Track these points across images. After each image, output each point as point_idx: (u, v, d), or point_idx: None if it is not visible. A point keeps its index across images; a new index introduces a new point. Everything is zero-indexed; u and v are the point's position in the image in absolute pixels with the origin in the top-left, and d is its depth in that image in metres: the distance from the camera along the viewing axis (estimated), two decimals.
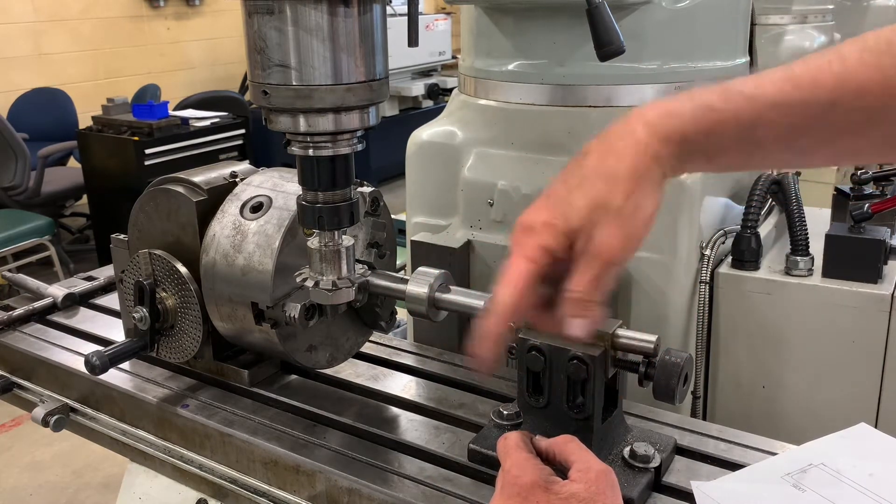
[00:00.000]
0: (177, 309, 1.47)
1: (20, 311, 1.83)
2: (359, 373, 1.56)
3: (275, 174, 1.49)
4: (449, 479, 1.24)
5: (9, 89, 7.02)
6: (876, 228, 1.62)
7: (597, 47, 1.26)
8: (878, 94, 0.82)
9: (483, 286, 1.68)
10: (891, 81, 0.81)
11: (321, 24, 1.11)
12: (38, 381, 1.70)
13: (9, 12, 7.02)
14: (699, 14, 1.61)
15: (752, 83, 0.88)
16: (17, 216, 5.45)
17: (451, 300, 1.33)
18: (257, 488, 1.36)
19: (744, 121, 0.88)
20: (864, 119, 0.84)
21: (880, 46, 0.83)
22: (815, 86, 0.85)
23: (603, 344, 1.19)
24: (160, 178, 1.54)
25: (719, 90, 0.90)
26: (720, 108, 0.89)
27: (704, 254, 1.59)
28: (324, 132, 1.18)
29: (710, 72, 1.65)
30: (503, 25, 1.67)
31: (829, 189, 2.42)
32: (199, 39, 8.56)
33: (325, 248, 1.29)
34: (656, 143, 0.91)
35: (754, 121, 0.88)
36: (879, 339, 1.54)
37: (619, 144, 0.93)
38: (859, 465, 1.18)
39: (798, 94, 0.85)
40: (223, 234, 1.41)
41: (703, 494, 1.15)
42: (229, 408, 1.45)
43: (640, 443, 1.23)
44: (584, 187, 0.93)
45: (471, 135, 1.74)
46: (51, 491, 3.73)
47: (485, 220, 1.68)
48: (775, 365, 1.64)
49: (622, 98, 1.60)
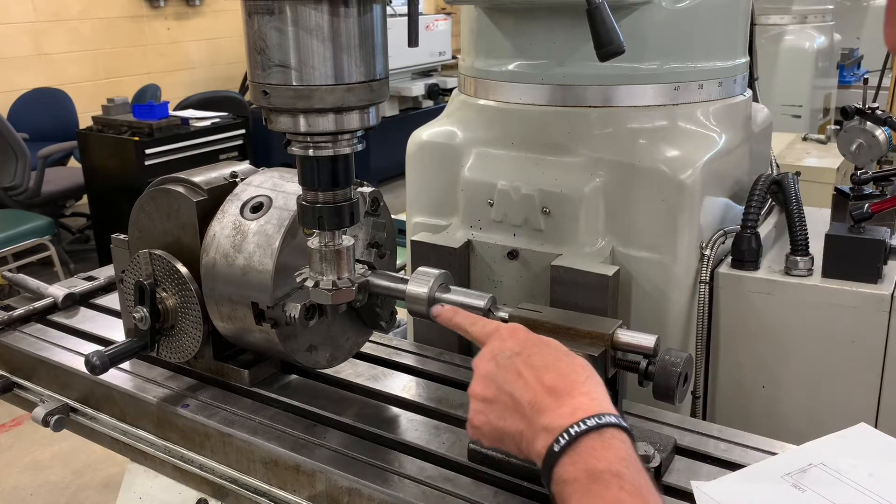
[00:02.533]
0: (177, 309, 1.47)
1: (20, 311, 1.83)
2: (359, 373, 1.56)
3: (275, 174, 1.49)
4: (449, 479, 1.24)
5: (9, 89, 7.01)
6: (876, 228, 1.62)
7: (597, 47, 1.26)
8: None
9: (483, 286, 1.68)
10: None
11: (321, 25, 1.11)
12: (38, 381, 1.70)
13: (9, 12, 7.01)
14: (699, 14, 1.61)
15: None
16: (17, 216, 5.45)
17: (451, 300, 1.33)
18: (257, 488, 1.36)
19: None
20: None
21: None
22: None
23: (603, 344, 1.19)
24: (160, 178, 1.54)
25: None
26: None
27: (704, 254, 1.59)
28: (324, 132, 1.18)
29: (710, 72, 1.65)
30: (503, 25, 1.67)
31: (829, 189, 2.42)
32: (199, 39, 8.55)
33: (326, 248, 1.29)
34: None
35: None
36: (879, 339, 1.54)
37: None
38: (859, 465, 1.18)
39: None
40: (223, 234, 1.41)
41: (703, 494, 1.15)
42: (229, 408, 1.45)
43: (640, 443, 1.23)
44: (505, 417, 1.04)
45: (471, 135, 1.74)
46: (51, 491, 3.73)
47: (485, 220, 1.68)
48: (775, 365, 1.64)
49: (622, 98, 1.60)
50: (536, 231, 1.62)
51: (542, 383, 1.01)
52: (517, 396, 1.01)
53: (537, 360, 1.04)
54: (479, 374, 1.07)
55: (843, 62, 5.21)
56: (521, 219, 1.63)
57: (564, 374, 1.01)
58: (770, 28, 4.77)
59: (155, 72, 8.08)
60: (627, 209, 1.58)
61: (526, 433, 0.99)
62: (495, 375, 1.05)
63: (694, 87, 1.63)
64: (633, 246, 1.58)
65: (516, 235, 1.64)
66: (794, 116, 4.68)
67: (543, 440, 0.95)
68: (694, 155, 1.56)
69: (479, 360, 1.09)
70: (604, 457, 0.92)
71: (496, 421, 1.04)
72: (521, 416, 1.00)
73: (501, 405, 1.03)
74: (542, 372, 1.02)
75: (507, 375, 1.04)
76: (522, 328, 1.12)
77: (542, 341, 1.09)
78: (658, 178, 1.54)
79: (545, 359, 1.04)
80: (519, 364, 1.04)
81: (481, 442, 1.09)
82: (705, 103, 1.65)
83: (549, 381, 1.01)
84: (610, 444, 0.93)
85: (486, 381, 1.06)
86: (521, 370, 1.03)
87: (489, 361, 1.07)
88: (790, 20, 4.79)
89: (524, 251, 1.63)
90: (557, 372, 1.02)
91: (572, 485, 0.91)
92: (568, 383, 1.00)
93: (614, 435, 0.94)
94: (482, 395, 1.06)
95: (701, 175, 1.55)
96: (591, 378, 1.03)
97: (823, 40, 4.81)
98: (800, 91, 4.71)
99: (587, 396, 0.99)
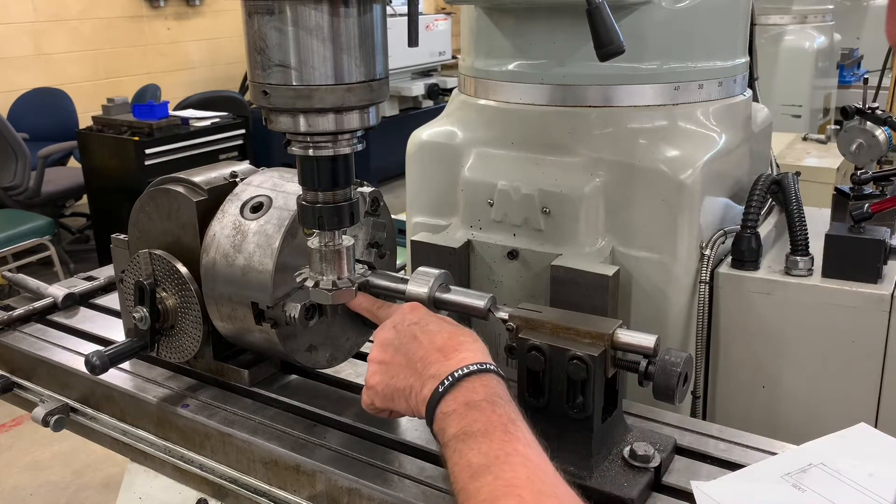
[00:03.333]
0: (177, 309, 1.47)
1: (20, 311, 1.83)
2: (359, 373, 1.56)
3: (275, 174, 1.49)
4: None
5: (9, 89, 7.02)
6: (876, 228, 1.62)
7: (597, 47, 1.26)
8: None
9: (483, 286, 1.68)
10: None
11: (321, 25, 1.11)
12: (38, 380, 1.70)
13: (9, 12, 7.02)
14: (699, 14, 1.61)
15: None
16: (17, 216, 5.45)
17: (451, 300, 1.33)
18: (257, 488, 1.36)
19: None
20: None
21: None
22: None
23: (603, 344, 1.19)
24: (160, 178, 1.54)
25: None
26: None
27: (704, 254, 1.59)
28: (324, 132, 1.18)
29: (711, 72, 1.65)
30: (503, 25, 1.67)
31: (829, 189, 2.42)
32: (199, 39, 8.56)
33: (325, 248, 1.29)
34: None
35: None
36: (879, 339, 1.54)
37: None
38: (859, 465, 1.18)
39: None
40: (223, 234, 1.41)
41: (702, 494, 1.15)
42: (229, 408, 1.45)
43: (640, 443, 1.23)
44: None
45: (471, 135, 1.74)
46: (51, 491, 3.73)
47: (485, 220, 1.68)
48: (775, 365, 1.64)
49: (622, 98, 1.60)
50: (536, 231, 1.62)
51: (434, 344, 1.15)
52: (410, 355, 1.15)
53: (433, 326, 1.19)
54: (379, 341, 1.22)
55: (843, 62, 5.21)
56: (521, 219, 1.63)
57: (454, 337, 1.16)
58: (770, 28, 4.77)
59: (155, 72, 8.09)
60: (627, 209, 1.58)
61: (415, 385, 1.13)
62: (393, 340, 1.20)
63: (694, 87, 1.63)
64: (633, 246, 1.58)
65: (516, 235, 1.64)
66: (794, 116, 4.68)
67: (430, 386, 1.10)
68: (694, 155, 1.56)
69: (379, 331, 1.24)
70: (481, 391, 1.06)
71: (389, 380, 1.17)
72: (412, 371, 1.14)
73: (396, 365, 1.17)
74: (435, 336, 1.16)
75: (404, 339, 1.18)
76: (422, 307, 1.27)
77: (439, 317, 1.24)
78: (658, 178, 1.54)
79: (439, 326, 1.19)
80: (416, 330, 1.19)
81: (373, 404, 1.22)
82: (705, 103, 1.65)
83: (439, 341, 1.15)
84: (487, 382, 1.08)
85: (384, 346, 1.20)
86: (416, 334, 1.18)
87: (389, 330, 1.22)
88: (790, 20, 4.79)
89: (524, 251, 1.63)
90: (449, 335, 1.16)
91: (451, 416, 1.05)
92: (456, 343, 1.15)
93: (492, 378, 1.09)
94: (380, 359, 1.20)
95: (701, 175, 1.55)
96: (477, 343, 1.17)
97: (823, 40, 4.81)
98: (800, 91, 4.72)
99: (472, 352, 1.13)
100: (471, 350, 1.14)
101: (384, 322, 1.26)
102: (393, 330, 1.21)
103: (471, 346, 1.15)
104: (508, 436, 1.00)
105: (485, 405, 1.04)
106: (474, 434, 1.00)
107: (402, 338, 1.19)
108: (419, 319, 1.21)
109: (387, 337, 1.21)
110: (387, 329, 1.23)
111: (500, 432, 1.00)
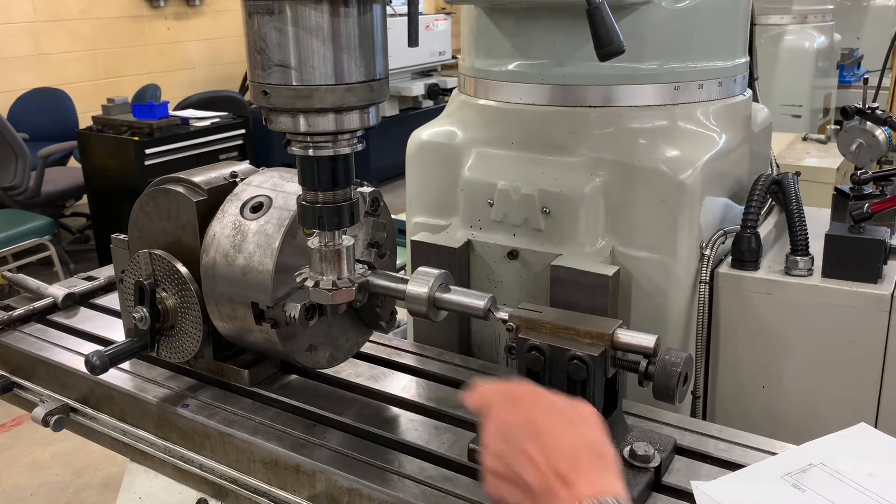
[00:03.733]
0: (177, 309, 1.47)
1: (20, 311, 1.83)
2: (359, 373, 1.56)
3: (275, 174, 1.49)
4: (449, 479, 1.24)
5: (9, 89, 7.01)
6: (876, 228, 1.62)
7: (597, 47, 1.26)
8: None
9: (483, 286, 1.68)
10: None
11: (321, 24, 1.11)
12: (38, 381, 1.70)
13: (9, 12, 7.01)
14: (699, 14, 1.61)
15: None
16: (17, 216, 5.45)
17: (451, 300, 1.33)
18: (257, 488, 1.36)
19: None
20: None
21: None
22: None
23: (603, 344, 1.19)
24: (160, 178, 1.54)
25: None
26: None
27: (704, 254, 1.59)
28: (324, 132, 1.18)
29: (711, 72, 1.65)
30: (503, 25, 1.67)
31: (829, 189, 2.42)
32: (199, 39, 8.55)
33: (325, 248, 1.29)
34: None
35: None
36: (879, 339, 1.54)
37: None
38: (859, 465, 1.18)
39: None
40: (223, 234, 1.41)
41: (702, 494, 1.15)
42: (229, 408, 1.45)
43: (640, 443, 1.23)
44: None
45: (471, 135, 1.74)
46: (51, 491, 3.73)
47: (485, 220, 1.68)
48: (775, 365, 1.64)
49: (622, 98, 1.60)
50: (536, 231, 1.62)
51: (553, 466, 0.98)
52: (527, 479, 0.99)
53: (546, 441, 1.01)
54: (489, 449, 1.05)
55: (843, 62, 5.21)
56: (521, 219, 1.63)
57: (574, 457, 1.00)
58: (770, 28, 4.77)
59: (155, 72, 8.08)
60: (627, 209, 1.58)
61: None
62: (505, 454, 1.03)
63: (694, 87, 1.63)
64: (633, 246, 1.58)
65: (516, 235, 1.64)
66: (794, 116, 4.68)
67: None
68: (694, 155, 1.56)
69: (487, 435, 1.06)
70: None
71: (509, 497, 1.02)
72: (531, 499, 0.99)
73: (512, 483, 1.02)
74: (552, 455, 0.99)
75: (517, 456, 1.01)
76: (528, 389, 1.08)
77: (551, 409, 1.05)
78: (658, 178, 1.54)
79: (553, 437, 1.01)
80: (528, 445, 1.01)
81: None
82: (705, 103, 1.65)
83: (559, 462, 0.98)
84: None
85: (497, 458, 1.04)
86: (530, 453, 1.00)
87: (497, 437, 1.05)
88: (790, 20, 4.79)
89: (524, 251, 1.63)
90: (570, 449, 1.00)
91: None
92: (577, 468, 0.98)
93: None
94: (494, 470, 1.04)
95: (701, 175, 1.55)
96: (602, 454, 1.01)
97: (823, 40, 4.81)
98: (800, 91, 4.72)
99: (599, 475, 0.98)
100: (597, 471, 0.98)
101: (489, 422, 1.07)
102: (501, 439, 1.04)
103: (596, 464, 0.99)
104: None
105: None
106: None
107: (514, 452, 1.01)
108: (527, 422, 1.03)
109: (497, 448, 1.04)
110: (494, 436, 1.05)
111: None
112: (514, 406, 1.06)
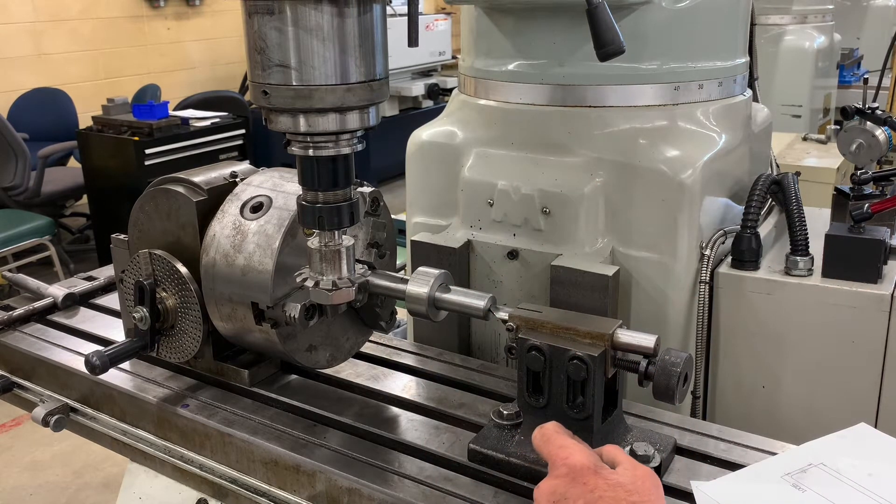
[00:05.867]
0: (177, 309, 1.47)
1: (20, 311, 1.83)
2: (359, 373, 1.56)
3: (275, 174, 1.49)
4: (449, 479, 1.24)
5: (9, 89, 7.02)
6: (876, 228, 1.62)
7: (597, 47, 1.26)
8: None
9: (483, 286, 1.68)
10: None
11: (321, 25, 1.11)
12: (38, 381, 1.70)
13: (9, 12, 7.01)
14: (699, 14, 1.61)
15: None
16: (17, 216, 5.45)
17: (451, 300, 1.33)
18: (257, 488, 1.36)
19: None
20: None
21: None
22: None
23: (603, 344, 1.19)
24: (160, 178, 1.54)
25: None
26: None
27: (704, 254, 1.59)
28: (324, 132, 1.18)
29: (711, 72, 1.65)
30: (503, 25, 1.67)
31: (829, 189, 2.42)
32: (199, 39, 8.55)
33: (325, 248, 1.29)
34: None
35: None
36: (879, 339, 1.54)
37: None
38: (859, 465, 1.18)
39: None
40: (223, 234, 1.41)
41: (703, 494, 1.15)
42: (229, 408, 1.45)
43: (640, 443, 1.23)
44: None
45: (471, 135, 1.74)
46: (51, 491, 3.73)
47: (485, 220, 1.68)
48: (775, 365, 1.64)
49: (622, 98, 1.60)
50: (536, 231, 1.62)
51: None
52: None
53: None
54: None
55: (843, 62, 5.21)
56: (521, 219, 1.63)
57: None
58: (770, 28, 4.77)
59: (155, 72, 8.09)
60: (627, 209, 1.58)
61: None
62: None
63: (694, 87, 1.63)
64: (633, 246, 1.58)
65: (516, 235, 1.64)
66: (794, 116, 4.68)
67: None
68: (694, 155, 1.56)
69: (538, 491, 1.05)
70: None
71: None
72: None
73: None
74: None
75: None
76: (585, 474, 1.03)
77: (606, 495, 1.01)
78: (658, 178, 1.54)
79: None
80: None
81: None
82: (705, 103, 1.65)
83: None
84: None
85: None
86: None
87: (548, 500, 1.03)
88: (790, 20, 4.80)
89: (524, 251, 1.63)
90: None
91: None
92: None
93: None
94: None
95: (701, 175, 1.55)
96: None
97: (823, 40, 4.81)
98: (800, 91, 4.72)
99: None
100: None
101: (547, 478, 1.06)
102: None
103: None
104: None
105: None
106: None
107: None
108: (581, 496, 1.01)
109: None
110: (545, 495, 1.03)
111: None
112: (573, 482, 1.02)
